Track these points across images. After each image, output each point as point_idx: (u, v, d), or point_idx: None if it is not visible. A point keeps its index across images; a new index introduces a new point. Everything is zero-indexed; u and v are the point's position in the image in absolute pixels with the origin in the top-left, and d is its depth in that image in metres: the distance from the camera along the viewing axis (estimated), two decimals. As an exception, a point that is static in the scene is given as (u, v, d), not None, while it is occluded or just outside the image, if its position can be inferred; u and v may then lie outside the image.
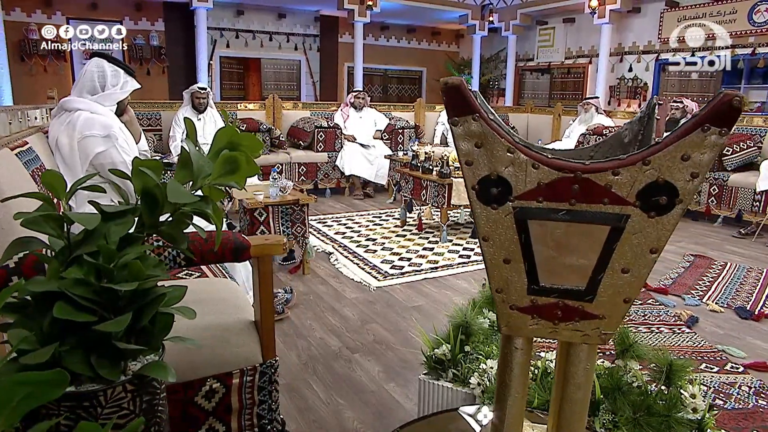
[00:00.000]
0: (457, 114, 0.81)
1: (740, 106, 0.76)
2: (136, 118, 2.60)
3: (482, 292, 2.13)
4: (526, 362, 0.96)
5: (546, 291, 0.90)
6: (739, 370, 2.41)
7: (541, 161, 0.81)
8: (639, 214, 0.85)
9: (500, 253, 0.88)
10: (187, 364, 1.39)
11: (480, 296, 2.08)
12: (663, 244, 0.86)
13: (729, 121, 0.78)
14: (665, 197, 0.83)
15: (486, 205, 0.85)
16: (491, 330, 1.79)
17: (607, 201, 0.83)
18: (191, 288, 1.79)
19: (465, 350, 1.72)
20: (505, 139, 0.81)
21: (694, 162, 0.80)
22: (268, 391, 1.52)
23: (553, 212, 0.84)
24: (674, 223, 0.85)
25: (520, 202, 0.84)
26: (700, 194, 5.29)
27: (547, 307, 0.90)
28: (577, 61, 9.19)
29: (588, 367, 0.93)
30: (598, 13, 7.68)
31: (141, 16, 9.48)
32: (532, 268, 0.89)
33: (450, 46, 12.16)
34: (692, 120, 0.78)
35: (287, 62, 10.78)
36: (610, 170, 0.81)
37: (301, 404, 2.07)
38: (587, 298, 0.90)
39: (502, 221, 0.86)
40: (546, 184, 0.83)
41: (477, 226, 0.89)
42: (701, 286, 3.48)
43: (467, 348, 1.73)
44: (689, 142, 0.79)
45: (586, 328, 0.91)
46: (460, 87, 0.79)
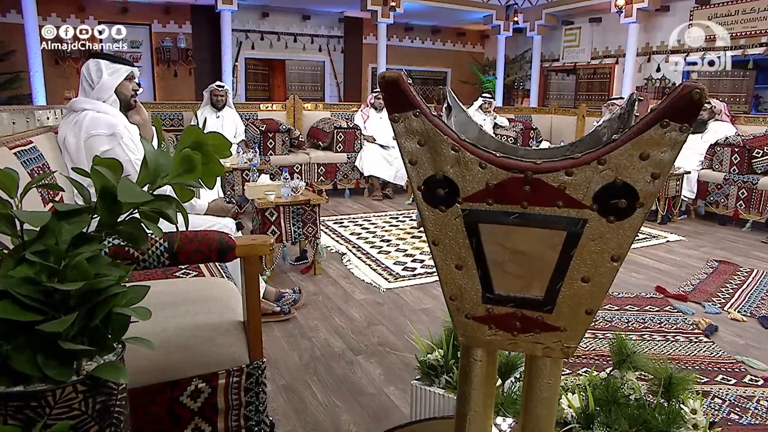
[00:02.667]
0: (396, 110, 0.76)
1: (701, 98, 0.69)
2: (149, 120, 2.63)
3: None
4: (487, 375, 0.89)
5: (502, 300, 0.85)
6: (759, 383, 2.29)
7: (488, 160, 0.76)
8: (597, 218, 0.78)
9: (451, 258, 0.83)
10: (172, 363, 1.40)
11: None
12: (625, 251, 0.80)
13: (690, 116, 0.71)
14: (624, 200, 0.76)
15: (433, 207, 0.81)
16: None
17: (561, 203, 0.77)
18: (183, 288, 1.81)
19: (458, 356, 1.68)
20: (448, 137, 0.76)
21: (653, 161, 0.73)
22: (255, 393, 1.51)
23: (504, 215, 0.79)
24: (636, 228, 0.78)
25: (468, 204, 0.79)
26: (727, 198, 5.10)
27: (504, 317, 0.85)
28: (604, 61, 8.99)
29: (551, 381, 0.87)
30: (624, 12, 7.49)
31: (169, 19, 9.69)
32: (486, 275, 0.83)
33: (475, 47, 12.06)
34: (650, 114, 0.71)
35: (311, 63, 10.86)
36: (563, 170, 0.75)
37: (299, 405, 2.06)
38: (546, 308, 0.84)
39: (451, 224, 0.81)
40: (495, 184, 0.77)
41: (425, 229, 0.84)
42: (724, 293, 3.34)
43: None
44: (647, 139, 0.72)
45: (547, 341, 0.85)
46: (398, 81, 0.74)
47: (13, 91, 8.53)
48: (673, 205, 5.27)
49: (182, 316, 1.52)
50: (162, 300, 1.61)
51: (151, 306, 1.60)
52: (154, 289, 1.78)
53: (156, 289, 1.77)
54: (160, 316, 1.52)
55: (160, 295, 1.68)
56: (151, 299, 1.66)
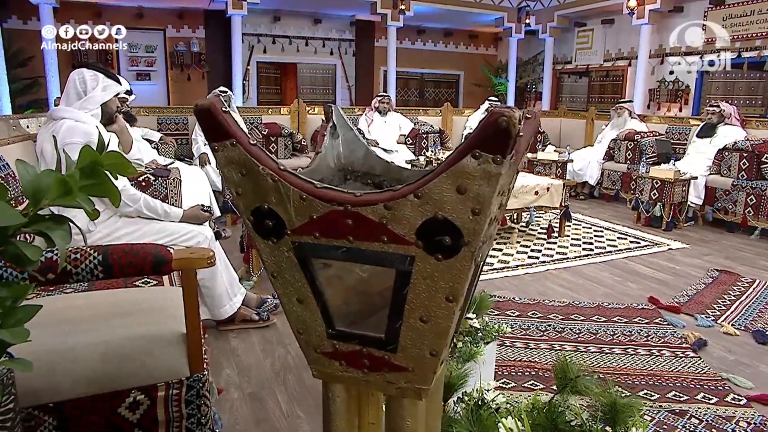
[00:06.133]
0: (214, 139, 0.73)
1: (508, 127, 0.62)
2: (126, 129, 2.67)
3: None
4: (348, 413, 0.86)
5: (345, 336, 0.80)
6: (742, 402, 2.20)
7: (308, 191, 0.71)
8: (424, 256, 0.72)
9: (291, 291, 0.80)
10: (111, 374, 1.40)
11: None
12: (460, 292, 0.74)
13: (501, 146, 0.64)
14: (448, 237, 0.70)
15: (265, 239, 0.77)
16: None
17: (386, 239, 0.72)
18: (136, 297, 1.81)
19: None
20: (266, 167, 0.72)
21: (472, 196, 0.67)
22: (196, 405, 1.50)
23: (332, 249, 0.74)
24: (467, 267, 0.72)
25: (297, 236, 0.75)
26: (736, 204, 4.94)
27: (351, 354, 0.81)
28: (616, 63, 8.82)
29: (409, 423, 0.83)
30: (636, 13, 7.33)
31: (183, 24, 9.84)
32: (326, 311, 0.79)
33: (488, 50, 11.96)
34: (462, 144, 0.67)
35: (323, 67, 10.90)
36: (382, 203, 0.70)
37: (260, 415, 2.05)
38: (389, 348, 0.79)
39: (284, 257, 0.77)
40: (318, 217, 0.73)
41: (262, 261, 0.82)
42: (720, 305, 3.23)
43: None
44: (461, 171, 0.66)
45: (398, 381, 0.80)
46: (210, 109, 0.71)
47: (32, 95, 8.77)
48: (679, 212, 5.13)
49: (127, 326, 1.52)
50: (111, 310, 1.63)
51: (100, 316, 1.62)
52: (105, 299, 1.80)
53: (107, 299, 1.79)
54: (106, 326, 1.53)
55: (109, 305, 1.69)
56: (102, 309, 1.69)
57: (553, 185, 4.51)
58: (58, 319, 1.53)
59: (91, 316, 1.57)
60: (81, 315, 1.58)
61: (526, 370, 2.42)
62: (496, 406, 1.39)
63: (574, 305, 3.18)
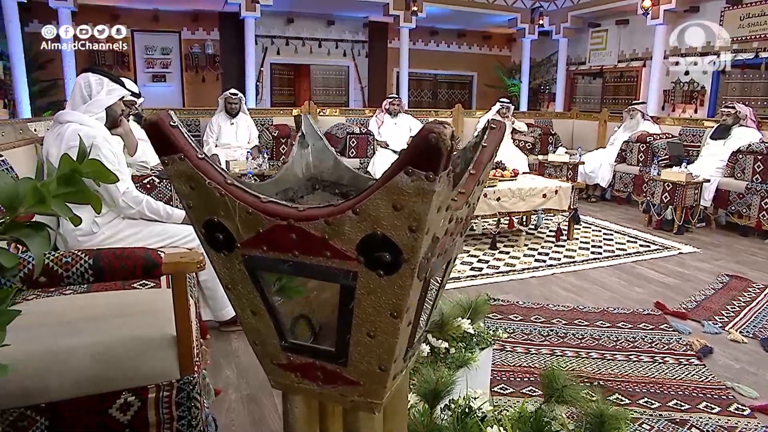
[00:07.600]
0: (163, 153, 0.74)
1: (438, 143, 0.61)
2: (131, 132, 2.71)
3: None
4: (308, 424, 0.86)
5: (298, 348, 0.81)
6: (745, 412, 2.15)
7: (253, 205, 0.72)
8: (366, 271, 0.72)
9: (245, 303, 0.81)
10: (102, 375, 1.43)
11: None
12: (403, 308, 0.73)
13: (432, 163, 0.63)
14: (388, 254, 0.70)
15: (217, 251, 0.78)
16: (428, 358, 1.70)
17: (329, 254, 0.72)
18: (131, 299, 1.84)
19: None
20: (213, 180, 0.73)
21: (407, 213, 0.66)
22: (187, 407, 1.52)
23: (280, 263, 0.75)
24: (408, 284, 0.71)
25: (246, 250, 0.76)
26: (750, 207, 4.85)
27: (305, 366, 0.81)
28: (631, 64, 8.70)
29: None
30: (651, 13, 7.23)
31: (198, 26, 9.95)
32: (278, 323, 0.80)
33: (502, 51, 11.89)
34: (397, 161, 0.66)
35: (336, 68, 10.94)
36: (323, 219, 0.70)
37: (257, 415, 2.07)
38: (340, 361, 0.79)
39: (236, 270, 0.78)
40: (264, 231, 0.73)
41: (216, 273, 0.83)
42: (729, 311, 3.17)
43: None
44: (395, 188, 0.66)
45: (351, 395, 0.81)
46: (158, 124, 0.72)
47: (51, 97, 8.93)
48: (691, 215, 5.04)
49: (120, 328, 1.55)
50: (106, 312, 1.66)
51: (94, 317, 1.65)
52: (101, 301, 1.83)
53: (103, 301, 1.83)
54: (99, 327, 1.56)
55: (104, 307, 1.72)
56: (97, 311, 1.71)
57: (561, 188, 4.47)
58: (53, 321, 1.56)
59: (85, 318, 1.60)
60: (76, 316, 1.61)
61: (525, 375, 2.40)
62: (482, 414, 1.38)
63: (578, 310, 3.15)
